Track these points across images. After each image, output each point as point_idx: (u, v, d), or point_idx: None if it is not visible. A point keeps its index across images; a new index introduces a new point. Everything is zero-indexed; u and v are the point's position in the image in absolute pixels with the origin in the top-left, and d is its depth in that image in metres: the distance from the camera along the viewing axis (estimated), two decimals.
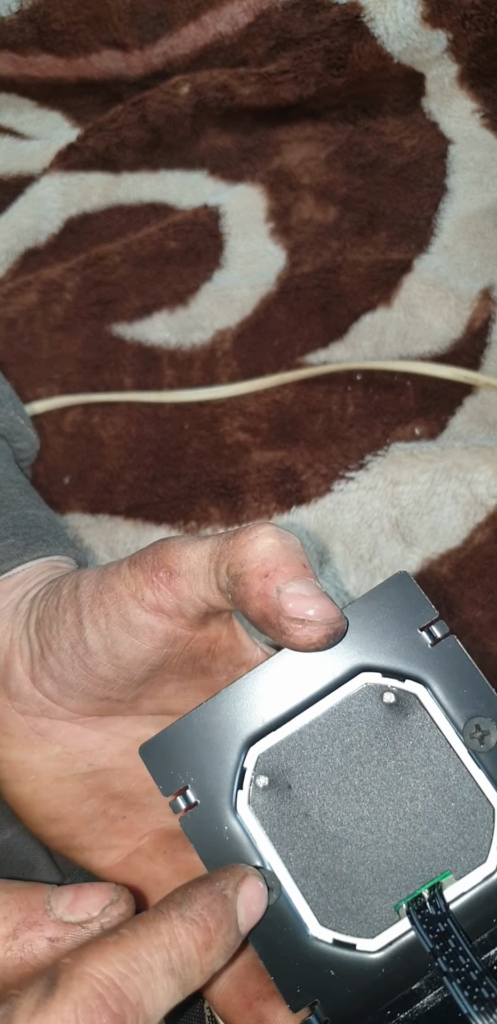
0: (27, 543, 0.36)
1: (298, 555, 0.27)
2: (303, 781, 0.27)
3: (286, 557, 0.27)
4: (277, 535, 0.27)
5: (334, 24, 0.66)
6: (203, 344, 0.57)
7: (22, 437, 0.43)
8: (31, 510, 0.38)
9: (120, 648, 0.29)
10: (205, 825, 0.28)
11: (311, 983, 0.26)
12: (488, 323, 0.55)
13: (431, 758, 0.27)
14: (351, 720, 0.27)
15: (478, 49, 0.67)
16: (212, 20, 0.68)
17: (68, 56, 0.69)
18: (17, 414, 0.43)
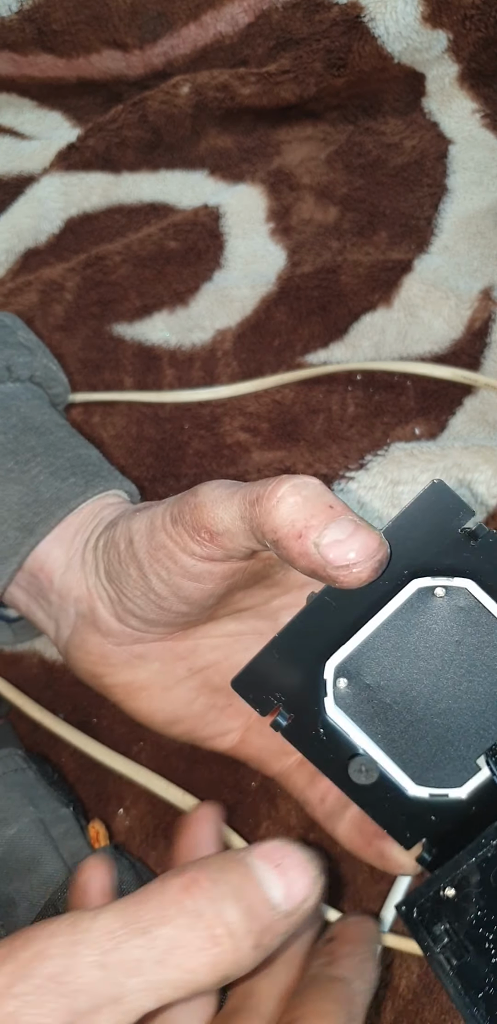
0: (87, 480, 0.38)
1: (321, 499, 0.28)
2: (378, 677, 0.31)
3: (311, 509, 0.28)
4: (295, 491, 0.28)
5: (334, 24, 0.66)
6: (203, 344, 0.57)
7: (56, 382, 0.44)
8: (82, 450, 0.40)
9: (186, 592, 0.32)
10: (303, 732, 0.32)
11: (417, 827, 0.32)
12: (488, 323, 0.56)
13: (487, 639, 0.30)
14: (411, 620, 0.30)
15: (478, 49, 0.67)
16: (212, 20, 0.68)
17: (68, 56, 0.69)
18: (49, 361, 0.44)
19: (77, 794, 0.42)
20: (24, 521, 0.37)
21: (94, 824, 0.39)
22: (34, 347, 0.44)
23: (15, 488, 0.37)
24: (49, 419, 0.41)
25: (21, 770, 0.39)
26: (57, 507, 0.37)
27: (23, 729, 0.44)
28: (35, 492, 0.37)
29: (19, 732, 0.44)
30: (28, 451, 0.38)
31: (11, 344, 0.42)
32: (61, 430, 0.40)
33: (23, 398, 0.41)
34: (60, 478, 0.38)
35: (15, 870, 0.36)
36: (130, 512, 0.35)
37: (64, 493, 0.37)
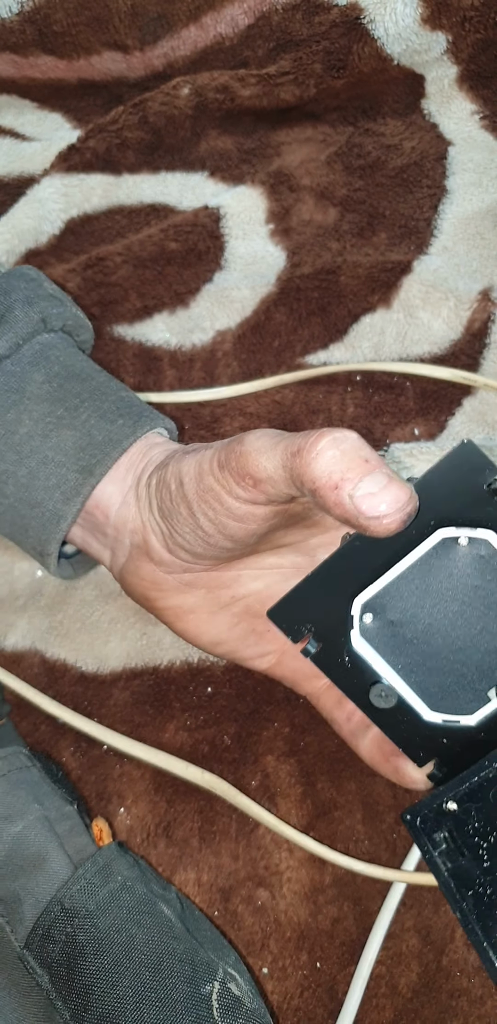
0: (134, 421, 0.41)
1: (358, 453, 0.30)
2: (401, 614, 0.34)
3: (348, 463, 0.30)
4: (334, 444, 0.30)
5: (334, 26, 0.66)
6: (203, 345, 0.57)
7: (84, 329, 0.46)
8: (123, 392, 0.42)
9: (231, 530, 0.35)
10: (331, 659, 0.35)
11: (430, 748, 0.35)
12: (487, 324, 0.56)
13: None
14: (435, 566, 0.33)
15: (477, 51, 0.67)
16: (212, 22, 0.69)
17: (69, 58, 0.70)
18: (76, 309, 0.46)
19: (80, 790, 0.43)
20: (82, 463, 0.39)
21: (97, 822, 0.40)
22: (62, 297, 0.45)
23: (69, 433, 0.40)
24: (88, 365, 0.43)
25: (26, 768, 0.40)
26: (111, 448, 0.39)
27: (24, 728, 0.45)
28: (88, 435, 0.40)
29: (20, 732, 0.44)
30: (75, 397, 0.41)
31: (43, 296, 0.44)
32: (100, 375, 0.43)
33: (61, 347, 0.43)
34: (109, 420, 0.40)
35: (21, 867, 0.36)
36: (180, 454, 0.38)
37: (115, 434, 0.40)
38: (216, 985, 0.33)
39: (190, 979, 0.33)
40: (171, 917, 0.35)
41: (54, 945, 0.34)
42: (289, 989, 0.38)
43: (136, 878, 0.36)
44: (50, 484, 0.40)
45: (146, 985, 0.33)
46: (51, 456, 0.40)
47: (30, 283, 0.45)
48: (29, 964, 0.34)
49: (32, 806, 0.37)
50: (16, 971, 0.34)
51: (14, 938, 0.35)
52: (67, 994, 0.33)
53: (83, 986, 0.33)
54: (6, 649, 0.47)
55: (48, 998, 0.33)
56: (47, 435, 0.40)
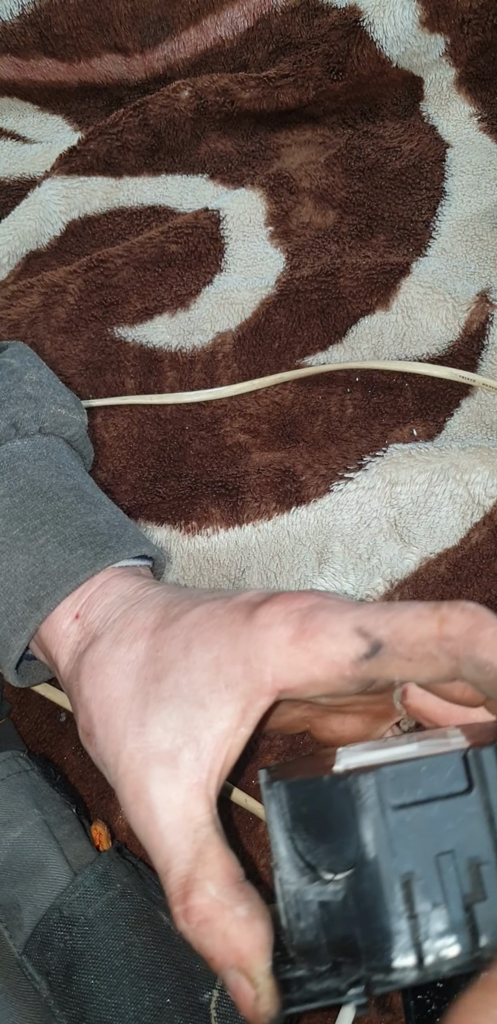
0: (96, 552, 0.36)
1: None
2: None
3: None
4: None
5: (333, 28, 0.66)
6: (204, 346, 0.57)
7: (68, 426, 0.43)
8: (90, 517, 0.38)
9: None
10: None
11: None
12: (485, 326, 0.56)
13: None
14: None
15: (476, 53, 0.67)
16: (212, 24, 0.69)
17: (70, 60, 0.70)
18: (57, 406, 0.42)
19: (80, 793, 0.43)
20: (31, 594, 0.36)
21: (96, 825, 0.40)
22: (43, 392, 0.42)
23: (22, 558, 0.37)
24: (57, 482, 0.39)
25: (25, 772, 0.39)
26: (64, 581, 0.36)
27: (25, 728, 0.45)
28: (42, 563, 0.36)
29: (21, 731, 0.45)
30: (36, 517, 0.38)
31: (17, 398, 0.41)
32: (69, 495, 0.39)
33: (30, 457, 0.40)
34: (68, 548, 0.37)
35: (20, 873, 0.36)
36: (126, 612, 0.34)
37: (72, 565, 0.36)
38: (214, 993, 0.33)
39: (188, 988, 0.33)
40: (170, 924, 0.35)
41: (52, 952, 0.34)
42: None
43: (135, 885, 0.36)
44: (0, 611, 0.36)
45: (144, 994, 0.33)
46: (0, 581, 0.36)
47: (5, 380, 0.41)
48: (27, 971, 0.34)
49: (31, 811, 0.37)
50: (15, 977, 0.34)
51: (13, 944, 0.35)
52: (65, 1002, 0.33)
53: (81, 994, 0.33)
54: None
55: (46, 1005, 0.33)
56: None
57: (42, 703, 0.45)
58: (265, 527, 0.50)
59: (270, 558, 0.49)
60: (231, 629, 0.30)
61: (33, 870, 0.36)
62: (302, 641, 0.29)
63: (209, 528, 0.50)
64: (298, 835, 0.26)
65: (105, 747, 0.31)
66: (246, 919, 0.27)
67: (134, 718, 0.30)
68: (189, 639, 0.31)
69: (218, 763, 0.29)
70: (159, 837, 0.29)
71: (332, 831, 0.26)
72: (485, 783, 0.25)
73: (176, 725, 0.29)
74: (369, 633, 0.28)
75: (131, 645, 0.32)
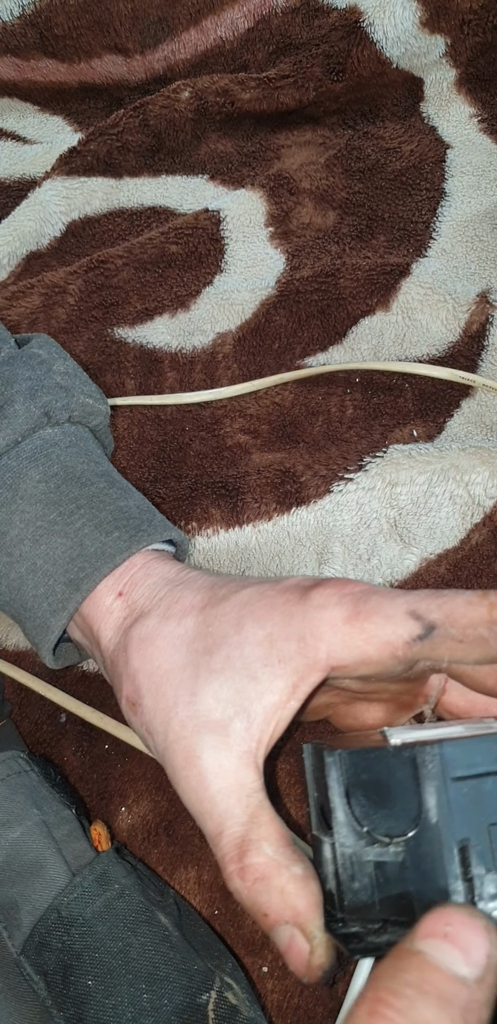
0: (131, 535, 0.38)
1: None
2: None
3: None
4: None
5: (333, 29, 0.66)
6: (204, 347, 0.57)
7: (95, 415, 0.44)
8: (122, 502, 0.40)
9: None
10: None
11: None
12: (485, 326, 0.56)
13: None
14: None
15: (476, 54, 0.67)
16: (213, 25, 0.69)
17: (70, 61, 0.70)
18: (85, 395, 0.43)
19: (80, 793, 0.43)
20: (70, 576, 0.37)
21: (96, 826, 0.40)
22: (71, 383, 0.43)
23: (60, 541, 0.38)
24: (88, 468, 0.41)
25: (25, 772, 0.40)
26: (102, 562, 0.37)
27: (26, 728, 0.45)
28: (80, 545, 0.37)
29: (22, 731, 0.45)
30: (71, 502, 0.39)
31: (49, 388, 0.42)
32: (101, 480, 0.40)
33: (62, 444, 0.41)
34: (104, 531, 0.38)
35: (19, 873, 0.36)
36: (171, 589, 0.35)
37: (109, 547, 0.37)
38: (213, 995, 0.33)
39: (186, 989, 0.33)
40: (168, 925, 0.35)
41: (50, 953, 0.34)
42: (289, 988, 0.39)
43: (133, 885, 0.36)
44: (38, 593, 0.37)
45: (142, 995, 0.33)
46: (40, 564, 0.38)
47: (36, 370, 0.42)
48: (26, 971, 0.34)
49: (31, 811, 0.37)
50: (13, 977, 0.34)
51: (11, 944, 0.35)
52: (62, 1002, 0.33)
53: (78, 995, 0.33)
54: (8, 648, 0.47)
55: (44, 1006, 0.33)
56: (37, 540, 0.38)
57: (43, 704, 0.45)
58: (265, 528, 0.50)
59: (270, 559, 0.49)
60: (285, 608, 0.32)
61: (32, 870, 0.36)
62: (357, 621, 0.30)
63: (209, 529, 0.50)
64: (357, 800, 0.28)
65: (154, 715, 0.32)
66: (302, 877, 0.29)
67: (186, 688, 0.32)
68: (241, 616, 0.32)
69: (267, 734, 0.31)
70: (211, 802, 0.30)
71: (392, 798, 0.27)
72: None
73: (227, 696, 0.31)
74: (422, 616, 0.30)
75: (180, 620, 0.33)
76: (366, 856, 0.27)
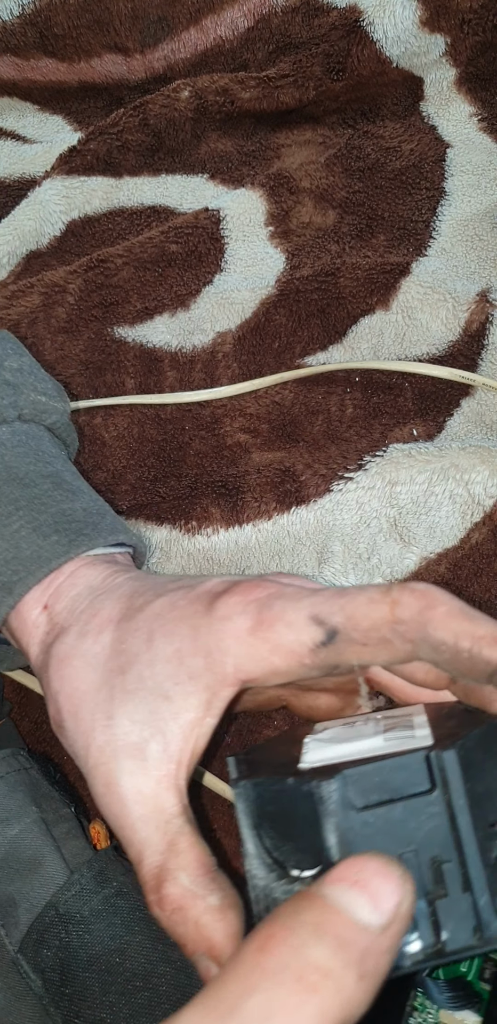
0: (70, 539, 0.37)
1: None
2: None
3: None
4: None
5: (333, 28, 0.66)
6: (204, 346, 0.57)
7: (48, 413, 0.43)
8: (67, 504, 0.38)
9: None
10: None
11: None
12: (485, 325, 0.56)
13: None
14: None
15: (476, 53, 0.67)
16: (212, 24, 0.69)
17: (70, 60, 0.70)
18: (37, 393, 0.42)
19: (79, 791, 0.43)
20: (3, 579, 0.36)
21: (95, 824, 0.40)
22: (22, 380, 0.42)
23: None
24: (34, 469, 0.39)
25: (24, 770, 0.40)
26: (37, 566, 0.36)
27: (26, 728, 0.45)
28: (16, 548, 0.36)
29: (21, 731, 0.45)
30: (10, 503, 0.37)
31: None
32: (46, 482, 0.39)
33: (8, 444, 0.40)
34: (42, 535, 0.36)
35: (17, 870, 0.36)
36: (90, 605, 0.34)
37: (45, 552, 0.36)
38: None
39: (183, 987, 0.33)
40: None
41: (48, 950, 0.34)
42: None
43: (131, 883, 0.36)
44: None
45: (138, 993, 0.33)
46: None
47: None
48: (23, 968, 0.34)
49: (29, 808, 0.37)
50: (11, 975, 0.34)
51: (9, 942, 0.35)
52: (59, 1000, 0.33)
53: (75, 993, 0.33)
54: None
55: (41, 1003, 0.33)
56: None
57: (42, 703, 0.45)
58: (265, 527, 0.50)
59: (270, 558, 0.49)
60: (192, 621, 0.30)
61: (30, 867, 0.36)
62: (260, 632, 0.29)
63: (209, 528, 0.50)
64: (265, 832, 0.26)
65: (75, 739, 0.32)
66: (218, 908, 0.28)
67: (101, 711, 0.31)
68: (152, 631, 0.31)
69: (186, 753, 0.30)
70: (131, 829, 0.29)
71: (298, 831, 0.26)
72: (446, 784, 0.25)
73: (142, 717, 0.30)
74: (324, 621, 0.28)
75: (97, 637, 0.32)
76: (275, 892, 0.26)
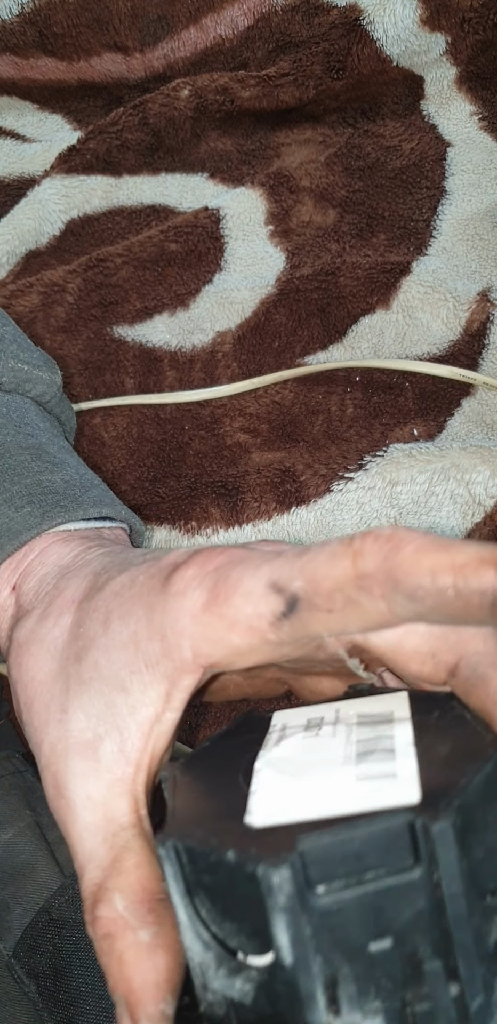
0: (44, 511, 0.34)
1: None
2: None
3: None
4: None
5: (333, 27, 0.66)
6: (203, 346, 0.57)
7: (33, 383, 0.40)
8: (46, 475, 0.36)
9: None
10: None
11: None
12: (486, 325, 0.56)
13: None
14: None
15: (476, 52, 0.67)
16: (212, 23, 0.69)
17: (69, 59, 0.70)
18: (19, 362, 0.40)
19: None
20: None
21: None
22: (2, 347, 0.40)
23: None
24: (12, 440, 0.37)
25: (19, 772, 0.39)
26: (7, 539, 0.33)
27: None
28: None
29: (19, 733, 0.45)
30: None
31: None
32: (24, 453, 0.37)
33: None
34: (14, 507, 0.34)
35: (10, 875, 0.36)
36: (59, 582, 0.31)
37: (16, 524, 0.33)
38: None
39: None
40: None
41: (41, 955, 0.34)
42: None
43: None
44: None
45: None
46: None
47: None
48: (17, 973, 0.34)
49: (24, 812, 0.37)
50: (5, 980, 0.34)
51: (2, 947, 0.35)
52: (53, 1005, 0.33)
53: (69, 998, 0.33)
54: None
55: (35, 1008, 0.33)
56: None
57: None
58: (265, 527, 0.50)
59: None
60: (148, 599, 0.26)
61: (23, 872, 0.36)
62: (215, 607, 0.25)
63: (209, 528, 0.50)
64: (201, 903, 0.21)
65: (31, 734, 0.28)
66: (147, 947, 0.24)
67: (56, 703, 0.27)
68: (109, 612, 0.27)
69: (145, 755, 0.26)
70: (77, 838, 0.26)
71: (241, 913, 0.21)
72: (435, 861, 0.19)
73: (98, 712, 0.26)
74: (284, 587, 0.24)
75: (57, 620, 0.29)
76: (213, 981, 0.21)
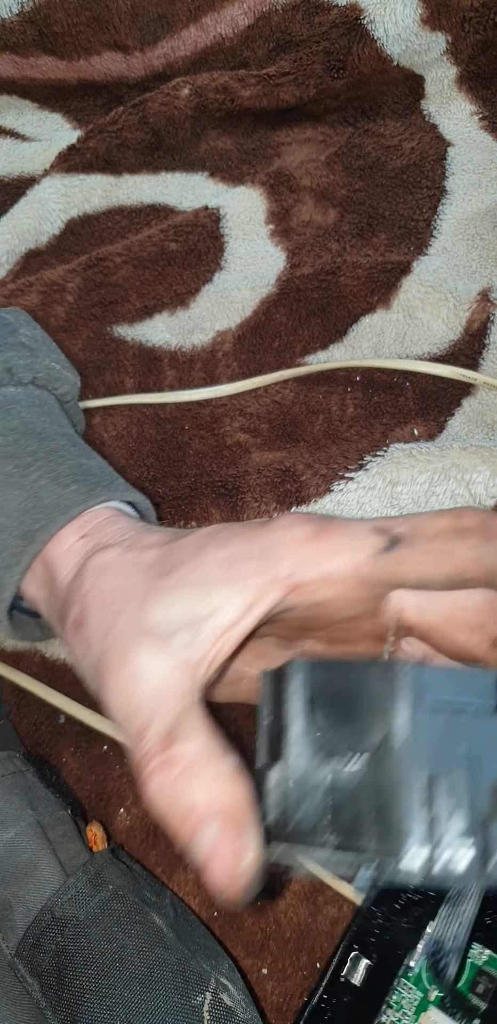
0: (89, 489, 0.36)
1: None
2: None
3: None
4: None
5: (334, 26, 0.66)
6: (203, 345, 0.57)
7: (61, 382, 0.43)
8: (84, 460, 0.39)
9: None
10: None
11: None
12: (486, 325, 0.56)
13: None
14: None
15: (477, 51, 0.67)
16: (212, 22, 0.69)
17: (69, 58, 0.70)
18: (52, 360, 0.43)
19: (78, 794, 0.43)
20: (24, 528, 0.35)
21: (92, 827, 0.40)
22: (37, 346, 0.43)
23: (15, 493, 0.36)
24: (50, 426, 0.40)
25: (20, 772, 0.40)
26: (58, 513, 0.35)
27: (24, 729, 0.45)
28: (35, 497, 0.36)
29: (20, 732, 0.45)
30: (29, 455, 0.38)
31: (12, 345, 0.41)
32: (62, 438, 0.40)
33: (24, 403, 0.40)
34: (61, 484, 0.37)
35: (12, 874, 0.36)
36: (130, 541, 0.34)
37: (65, 500, 0.36)
38: (208, 996, 0.33)
39: (181, 990, 0.33)
40: (162, 927, 0.35)
41: (44, 954, 0.34)
42: (289, 990, 0.38)
43: (128, 886, 0.36)
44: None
45: (136, 996, 0.32)
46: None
47: (1, 329, 0.42)
48: (20, 973, 0.34)
49: (25, 811, 0.37)
50: (7, 979, 0.34)
51: (5, 946, 0.35)
52: (57, 1004, 0.33)
53: (72, 997, 0.33)
54: (6, 649, 0.47)
55: (39, 1007, 0.33)
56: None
57: (41, 705, 0.45)
58: None
59: None
60: (248, 533, 0.30)
61: (25, 871, 0.36)
62: (321, 537, 0.29)
63: None
64: (320, 712, 0.25)
65: (95, 629, 0.30)
66: (231, 774, 0.26)
67: (135, 603, 0.30)
68: (202, 543, 0.31)
69: (211, 653, 0.28)
70: (141, 697, 0.28)
71: (359, 713, 0.25)
72: None
73: (176, 614, 0.29)
74: (388, 530, 0.29)
75: (142, 552, 0.32)
76: (320, 773, 0.25)
